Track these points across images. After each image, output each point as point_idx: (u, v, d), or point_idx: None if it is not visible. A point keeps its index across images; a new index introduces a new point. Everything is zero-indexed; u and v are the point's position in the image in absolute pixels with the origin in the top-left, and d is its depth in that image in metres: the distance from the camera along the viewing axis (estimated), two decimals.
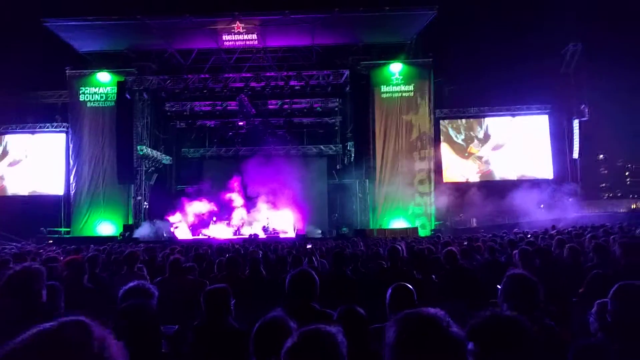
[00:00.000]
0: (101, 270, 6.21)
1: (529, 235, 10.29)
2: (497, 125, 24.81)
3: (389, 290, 2.78)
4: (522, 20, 22.34)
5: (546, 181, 23.87)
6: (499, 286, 2.79)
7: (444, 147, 24.44)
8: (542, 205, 22.91)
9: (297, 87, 22.59)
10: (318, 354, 1.35)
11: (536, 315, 2.41)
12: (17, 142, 24.66)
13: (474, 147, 24.62)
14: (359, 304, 2.59)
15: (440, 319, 1.24)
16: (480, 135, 24.65)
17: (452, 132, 24.69)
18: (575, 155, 23.57)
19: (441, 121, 24.51)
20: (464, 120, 24.80)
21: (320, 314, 2.62)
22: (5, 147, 24.56)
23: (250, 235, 20.12)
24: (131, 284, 2.67)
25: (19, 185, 24.23)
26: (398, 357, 1.21)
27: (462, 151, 24.65)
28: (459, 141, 24.67)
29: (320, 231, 22.62)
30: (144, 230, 21.05)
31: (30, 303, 2.41)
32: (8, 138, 24.65)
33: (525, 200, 21.43)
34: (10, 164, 24.47)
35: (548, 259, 5.13)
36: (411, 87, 22.69)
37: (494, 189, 22.47)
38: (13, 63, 21.81)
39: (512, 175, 24.00)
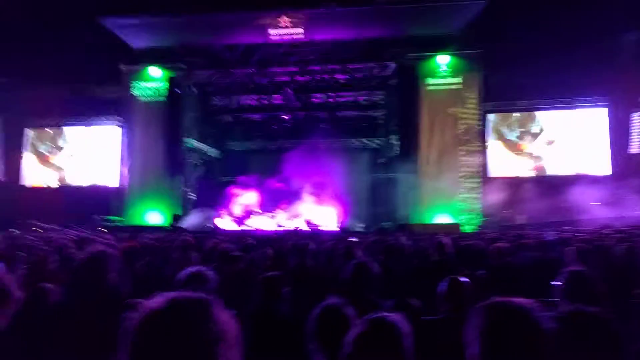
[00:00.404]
0: (154, 257, 6.50)
1: (580, 234, 9.89)
2: (550, 119, 23.86)
3: (444, 283, 2.77)
4: (578, 8, 21.19)
5: (603, 178, 22.74)
6: (553, 283, 2.72)
7: (494, 143, 23.77)
8: (598, 203, 21.86)
9: (342, 81, 22.57)
10: (386, 342, 1.38)
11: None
12: (76, 134, 26.05)
13: (526, 144, 23.79)
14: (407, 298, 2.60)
15: (530, 309, 1.26)
16: (535, 130, 23.78)
17: (505, 130, 23.92)
18: (634, 150, 22.32)
19: (492, 116, 23.82)
20: (518, 115, 23.96)
21: (376, 305, 2.65)
22: (65, 139, 25.99)
23: (295, 227, 20.38)
24: (189, 270, 2.79)
25: (78, 176, 25.61)
26: (488, 344, 1.23)
27: (513, 147, 23.89)
28: (512, 138, 23.90)
29: (362, 225, 22.56)
30: (190, 220, 21.72)
31: (102, 284, 2.56)
32: (67, 130, 26.07)
33: (579, 197, 20.51)
34: (71, 156, 25.89)
35: (604, 258, 4.92)
36: (459, 80, 22.15)
37: (546, 185, 21.65)
38: (70, 58, 22.91)
39: (566, 171, 23.00)
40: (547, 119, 23.88)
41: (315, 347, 1.83)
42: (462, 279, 2.76)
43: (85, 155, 25.75)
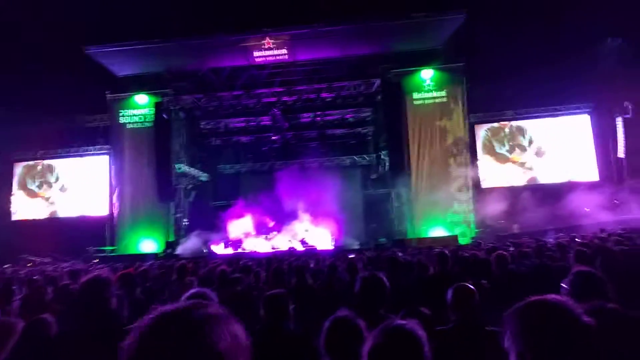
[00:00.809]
0: (152, 283, 6.39)
1: (576, 239, 9.92)
2: (537, 128, 24.13)
3: (451, 290, 2.74)
4: (559, 17, 21.70)
5: (591, 184, 22.97)
6: (563, 285, 2.69)
7: (485, 157, 23.91)
8: (587, 209, 22.04)
9: (328, 99, 22.74)
10: (406, 351, 1.33)
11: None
12: (64, 165, 25.76)
13: (516, 156, 23.98)
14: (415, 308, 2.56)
15: (569, 306, 1.23)
16: (524, 143, 23.99)
17: (495, 144, 24.10)
18: (621, 154, 22.63)
19: (483, 132, 24.04)
20: (507, 130, 24.12)
21: (387, 318, 2.60)
22: (53, 173, 25.68)
23: (290, 248, 20.26)
24: (192, 290, 2.73)
25: (68, 208, 25.26)
26: (533, 344, 1.19)
27: (504, 160, 24.06)
28: (503, 152, 24.07)
29: (357, 242, 22.46)
30: (184, 246, 21.49)
31: (102, 309, 2.50)
32: (56, 163, 25.80)
33: (569, 204, 20.69)
34: (61, 189, 25.57)
35: (608, 260, 4.91)
36: (444, 93, 22.46)
37: (537, 194, 21.77)
38: (56, 89, 22.88)
39: (555, 179, 23.18)
40: (534, 130, 24.13)
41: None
42: (469, 286, 2.73)
43: (75, 186, 25.41)
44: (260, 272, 6.73)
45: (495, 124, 24.37)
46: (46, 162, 25.89)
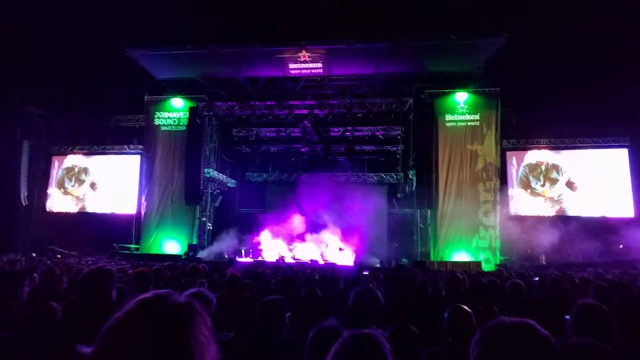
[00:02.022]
0: (165, 283, 6.49)
1: (602, 277, 9.56)
2: (571, 159, 23.43)
3: (447, 312, 2.69)
4: (596, 46, 21.22)
5: (627, 220, 22.10)
6: (567, 317, 2.61)
7: (519, 190, 23.33)
8: (621, 246, 21.20)
9: (359, 115, 22.75)
10: (365, 358, 1.32)
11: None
12: (98, 163, 26.58)
13: (546, 190, 23.29)
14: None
15: (535, 326, 1.22)
16: (557, 177, 23.27)
17: (532, 179, 23.47)
18: None
19: (521, 167, 23.48)
20: (542, 168, 23.42)
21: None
22: (88, 173, 26.50)
23: (311, 260, 20.29)
24: (191, 290, 2.77)
25: (98, 204, 25.97)
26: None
27: (536, 194, 23.39)
28: (536, 187, 23.39)
29: (378, 261, 22.23)
30: (207, 252, 21.79)
31: (101, 301, 2.56)
32: (90, 159, 26.65)
33: (601, 240, 19.96)
34: (91, 186, 26.35)
35: (628, 296, 4.72)
36: (477, 117, 22.17)
37: (567, 226, 21.11)
38: (96, 88, 23.83)
39: (588, 213, 22.33)
40: (568, 162, 23.37)
41: None
42: (465, 308, 2.66)
43: (106, 183, 26.14)
44: (275, 279, 6.76)
45: (533, 161, 23.69)
46: (82, 164, 26.61)
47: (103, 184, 26.19)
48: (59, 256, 19.57)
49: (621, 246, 21.17)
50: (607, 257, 18.98)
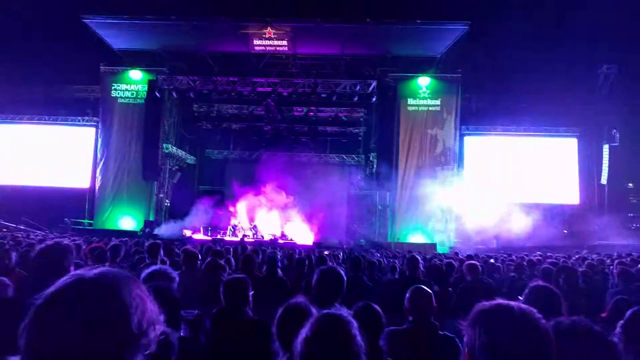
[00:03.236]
0: (122, 260, 6.34)
1: (547, 259, 10.07)
2: (524, 147, 24.35)
3: (408, 292, 2.77)
4: (555, 40, 21.99)
5: (572, 206, 23.32)
6: (520, 297, 2.74)
7: (475, 172, 24.09)
8: (565, 231, 22.39)
9: (323, 95, 22.67)
10: (337, 337, 1.34)
11: None
12: (48, 134, 25.33)
13: (502, 177, 24.18)
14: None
15: (530, 311, 1.26)
16: (513, 167, 24.18)
17: (490, 167, 24.27)
18: (603, 181, 22.98)
19: (482, 156, 24.17)
20: (499, 156, 24.20)
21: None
22: (38, 139, 25.23)
23: (273, 237, 20.35)
24: (153, 268, 2.72)
25: (47, 177, 24.82)
26: (485, 341, 1.22)
27: (493, 179, 24.25)
28: (494, 174, 24.26)
29: (337, 241, 22.51)
30: (164, 229, 21.38)
31: (59, 277, 2.47)
32: (40, 129, 25.36)
33: (548, 224, 20.98)
34: (41, 156, 25.10)
35: (572, 279, 5.01)
36: (438, 102, 22.57)
37: (518, 211, 22.02)
38: (49, 56, 22.54)
39: (537, 199, 23.34)
40: (521, 150, 24.29)
41: (278, 346, 1.80)
42: (425, 289, 2.76)
43: (57, 155, 24.98)
44: (231, 259, 6.74)
45: (492, 150, 24.46)
46: (31, 134, 25.28)
47: (54, 156, 25.02)
48: (5, 230, 18.72)
49: (565, 231, 22.39)
50: (554, 242, 19.99)
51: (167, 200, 23.55)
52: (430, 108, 22.59)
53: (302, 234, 22.21)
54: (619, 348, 1.67)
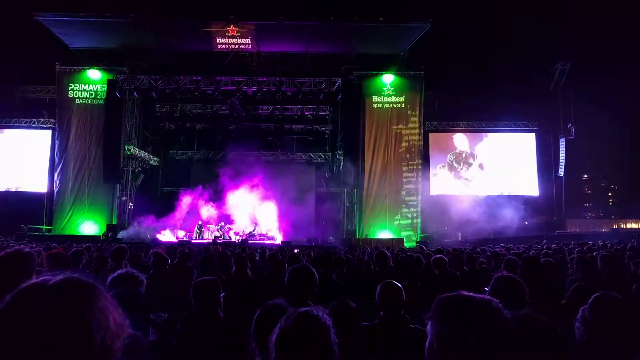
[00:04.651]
0: (85, 267, 6.13)
1: (511, 251, 10.40)
2: (485, 142, 25.06)
3: (378, 287, 2.80)
4: (513, 38, 22.75)
5: (532, 198, 24.17)
6: (486, 288, 2.82)
7: (445, 172, 24.61)
8: (526, 222, 23.20)
9: (288, 94, 22.63)
10: (310, 337, 1.34)
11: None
12: (0, 137, 24.23)
13: (464, 172, 24.82)
14: None
15: (493, 302, 1.28)
16: (472, 161, 24.82)
17: (455, 164, 24.78)
18: (561, 173, 23.93)
19: (449, 154, 24.67)
20: (464, 155, 24.73)
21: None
22: None
23: (242, 237, 20.20)
24: (120, 271, 2.65)
25: (1, 181, 23.76)
26: (449, 330, 1.23)
27: (459, 175, 24.83)
28: (460, 171, 24.83)
29: (306, 239, 22.54)
30: (128, 233, 20.87)
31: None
32: None
33: (510, 216, 21.70)
34: None
35: (532, 269, 5.18)
36: (402, 99, 22.90)
37: (480, 205, 22.68)
38: (1, 55, 21.58)
39: (498, 192, 24.12)
40: (482, 144, 24.96)
41: (255, 347, 1.79)
42: (395, 283, 2.80)
43: (11, 159, 23.91)
44: (203, 258, 6.62)
45: (457, 150, 25.04)
46: None
47: (7, 160, 23.93)
48: None
49: (526, 222, 23.19)
50: (516, 233, 20.67)
51: (130, 203, 22.95)
52: (394, 105, 22.90)
53: (270, 233, 22.13)
54: (565, 338, 1.74)
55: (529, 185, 24.87)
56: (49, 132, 23.63)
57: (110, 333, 0.98)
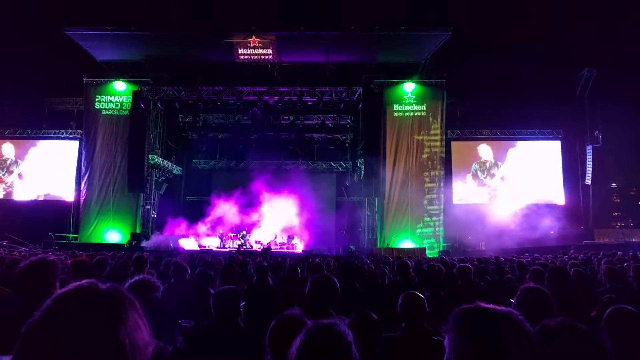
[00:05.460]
0: (108, 274, 6.21)
1: (537, 261, 10.14)
2: (509, 152, 24.54)
3: (400, 298, 2.74)
4: (537, 44, 22.39)
5: (558, 207, 23.58)
6: (512, 300, 2.74)
7: (471, 180, 24.23)
8: (552, 232, 22.62)
9: (309, 103, 22.72)
10: (330, 350, 1.31)
11: None
12: (30, 149, 24.91)
13: (489, 179, 24.36)
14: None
15: (514, 314, 1.24)
16: (495, 171, 24.36)
17: (479, 173, 24.39)
18: (588, 182, 23.29)
19: (474, 164, 24.32)
20: (487, 165, 24.32)
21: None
22: (18, 160, 24.79)
23: (264, 246, 20.28)
24: (136, 277, 2.66)
25: (31, 190, 24.42)
26: (469, 344, 1.20)
27: (482, 184, 24.40)
28: (484, 179, 24.39)
29: (327, 248, 22.47)
30: (151, 241, 21.17)
31: (44, 293, 2.40)
32: (23, 143, 24.97)
33: (535, 226, 21.19)
34: (24, 169, 24.69)
35: (560, 279, 5.03)
36: (423, 107, 22.74)
37: (505, 214, 22.25)
38: (31, 68, 22.30)
39: (524, 201, 23.59)
40: (507, 153, 24.46)
41: (271, 359, 1.76)
42: (417, 294, 2.74)
43: (40, 170, 24.56)
44: (224, 266, 6.62)
45: (481, 159, 24.64)
46: (13, 151, 24.81)
47: (37, 170, 24.60)
48: None
49: (552, 232, 22.61)
50: (542, 243, 20.17)
51: (153, 212, 23.28)
52: (416, 113, 22.75)
53: (291, 242, 22.12)
54: (606, 345, 1.67)
55: (555, 194, 24.28)
56: (77, 142, 24.23)
57: (138, 353, 0.98)
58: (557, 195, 24.27)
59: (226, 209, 22.93)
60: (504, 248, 20.45)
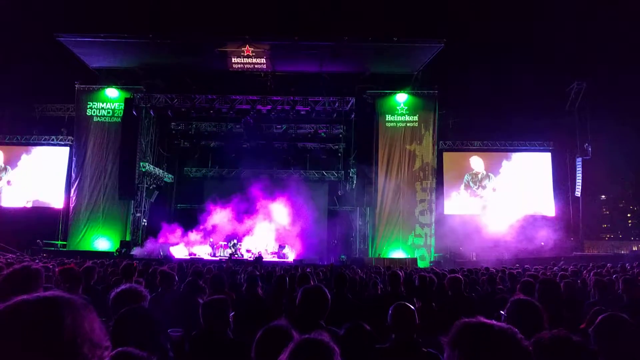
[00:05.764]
0: (97, 283, 6.14)
1: (527, 272, 10.17)
2: (502, 164, 24.67)
3: (391, 309, 2.73)
4: (528, 57, 22.70)
5: (548, 219, 23.72)
6: (502, 312, 2.73)
7: (464, 191, 24.29)
8: (542, 243, 22.73)
9: (302, 112, 22.79)
10: None
11: None
12: (20, 153, 24.67)
13: (481, 190, 24.46)
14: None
15: (510, 330, 1.25)
16: (486, 182, 24.46)
17: (472, 184, 24.47)
18: (578, 193, 23.50)
19: (466, 175, 24.41)
20: (479, 176, 24.40)
21: (327, 331, 2.56)
22: (8, 158, 24.54)
23: (255, 255, 20.19)
24: (122, 287, 2.63)
25: (19, 196, 24.12)
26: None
27: (474, 195, 24.48)
28: (476, 190, 24.46)
29: (318, 257, 22.41)
30: (145, 248, 20.97)
31: None
32: (12, 149, 24.71)
33: (526, 237, 21.29)
34: (12, 175, 24.41)
35: (550, 291, 5.04)
36: (416, 118, 22.88)
37: (496, 224, 22.34)
38: (23, 74, 22.16)
39: (513, 212, 23.70)
40: (498, 165, 24.59)
41: None
42: (408, 305, 2.72)
43: (29, 176, 24.28)
44: (214, 276, 6.57)
45: (473, 170, 24.75)
46: (1, 158, 24.62)
47: (26, 177, 24.32)
48: None
49: (542, 243, 22.73)
50: (532, 254, 20.26)
51: (144, 220, 23.10)
52: (408, 124, 22.87)
53: (282, 251, 22.02)
54: (599, 356, 1.68)
55: (545, 206, 24.43)
56: (67, 149, 24.02)
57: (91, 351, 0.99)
58: (548, 207, 24.42)
59: (218, 218, 22.81)
60: (494, 259, 20.51)
